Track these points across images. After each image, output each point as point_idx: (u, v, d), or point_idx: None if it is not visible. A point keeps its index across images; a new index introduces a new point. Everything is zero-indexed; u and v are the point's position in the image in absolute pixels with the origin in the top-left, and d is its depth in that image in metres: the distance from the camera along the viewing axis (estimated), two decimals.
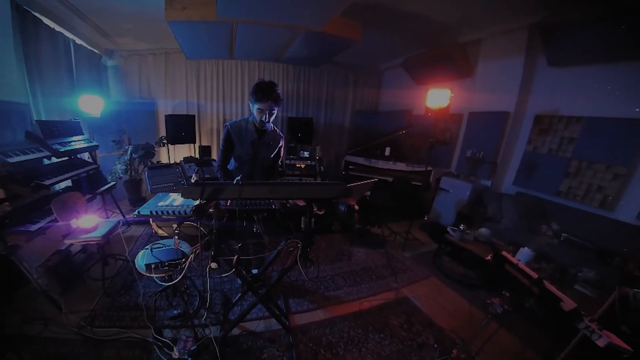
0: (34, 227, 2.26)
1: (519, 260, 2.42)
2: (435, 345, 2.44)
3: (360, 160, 5.56)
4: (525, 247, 3.16)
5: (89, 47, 3.95)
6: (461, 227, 3.52)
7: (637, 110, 3.09)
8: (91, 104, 3.56)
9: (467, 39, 4.47)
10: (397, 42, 4.84)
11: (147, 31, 4.13)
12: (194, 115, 4.94)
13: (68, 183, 3.09)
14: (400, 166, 5.21)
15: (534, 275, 2.13)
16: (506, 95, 4.15)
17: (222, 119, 5.41)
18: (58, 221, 2.38)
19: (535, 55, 3.91)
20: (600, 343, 1.61)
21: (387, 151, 5.51)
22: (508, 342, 2.52)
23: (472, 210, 4.13)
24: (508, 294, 2.13)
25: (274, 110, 2.30)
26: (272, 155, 2.59)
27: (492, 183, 4.43)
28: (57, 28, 3.32)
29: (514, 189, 4.26)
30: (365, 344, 2.39)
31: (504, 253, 2.39)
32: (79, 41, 3.71)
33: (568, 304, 1.90)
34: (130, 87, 4.83)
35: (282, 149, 2.69)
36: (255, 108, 2.29)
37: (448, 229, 3.67)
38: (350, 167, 5.62)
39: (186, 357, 2.04)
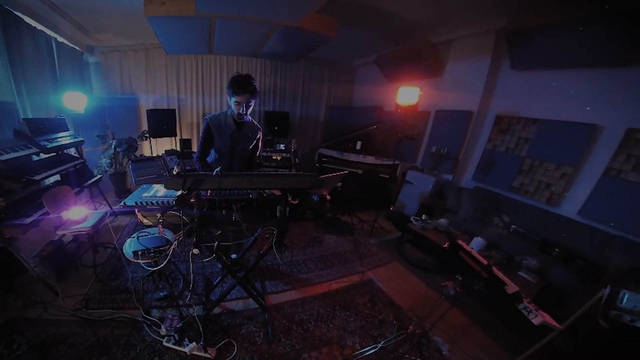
0: (28, 220, 2.38)
1: (472, 248, 2.57)
2: (394, 322, 2.69)
3: (333, 153, 5.70)
4: (479, 237, 3.38)
5: (71, 45, 3.96)
6: (423, 217, 3.75)
7: (588, 109, 3.27)
8: (75, 101, 3.61)
9: (438, 39, 4.58)
10: (371, 39, 4.91)
11: (126, 27, 4.13)
12: (175, 110, 5.05)
13: (57, 178, 3.19)
14: (370, 159, 5.36)
15: (484, 261, 2.23)
16: (471, 96, 4.29)
17: (202, 112, 5.50)
18: (50, 214, 2.48)
19: (500, 59, 4.04)
20: (536, 321, 1.77)
21: (359, 145, 5.67)
22: (457, 320, 2.79)
23: (434, 202, 4.36)
24: (460, 278, 2.26)
25: (250, 102, 2.34)
26: (250, 147, 2.64)
27: (453, 177, 4.61)
28: (39, 27, 3.33)
29: (473, 184, 4.45)
30: (332, 321, 2.61)
31: (460, 241, 2.48)
32: (60, 39, 3.71)
33: (511, 287, 2.01)
34: (112, 83, 4.85)
35: (260, 141, 2.73)
36: (232, 101, 2.33)
37: (411, 219, 3.88)
38: (324, 159, 5.75)
39: (173, 333, 2.18)
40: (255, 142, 2.65)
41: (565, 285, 2.85)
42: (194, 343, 2.13)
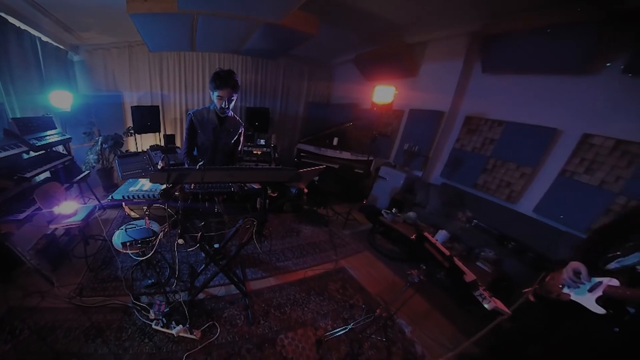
0: (22, 216, 2.47)
1: (437, 240, 2.64)
2: (363, 306, 2.88)
3: (311, 148, 5.80)
4: (443, 230, 3.57)
5: (55, 44, 3.95)
6: (393, 210, 3.95)
7: (550, 113, 3.39)
8: (61, 99, 3.65)
9: (415, 40, 4.63)
10: (350, 38, 4.95)
11: (110, 25, 4.10)
12: (158, 106, 5.08)
13: (47, 174, 3.25)
14: (346, 155, 5.49)
15: (447, 252, 2.29)
16: (443, 96, 4.40)
17: (185, 108, 5.55)
18: (42, 209, 2.57)
19: (472, 61, 4.13)
20: (489, 307, 1.89)
21: (335, 141, 5.77)
22: (420, 305, 2.98)
23: (404, 197, 4.54)
24: (425, 267, 2.37)
25: (232, 97, 2.36)
26: (232, 142, 2.66)
27: (422, 174, 4.79)
28: (23, 26, 3.32)
29: (440, 180, 4.64)
30: (307, 305, 2.80)
31: (426, 233, 2.55)
32: (44, 38, 3.70)
33: (469, 276, 2.11)
34: (96, 81, 4.84)
35: (242, 135, 2.76)
36: (215, 95, 2.34)
37: (382, 212, 4.08)
38: (302, 154, 5.85)
39: (161, 317, 2.31)
40: (237, 136, 2.68)
41: (517, 275, 3.03)
42: (181, 326, 2.26)
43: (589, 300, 1.65)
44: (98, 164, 4.50)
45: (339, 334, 2.45)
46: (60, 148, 3.61)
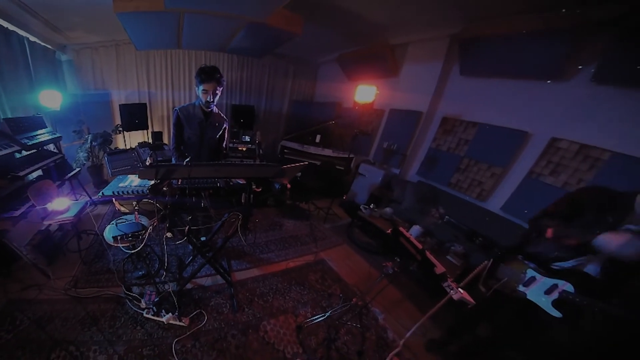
0: (17, 213, 2.56)
1: (411, 235, 2.69)
2: (341, 295, 3.02)
3: (295, 145, 5.86)
4: (417, 225, 3.72)
5: (43, 44, 3.96)
6: (371, 206, 4.11)
7: (521, 117, 3.46)
8: (51, 99, 3.68)
9: (397, 42, 4.70)
10: (334, 38, 4.99)
11: (96, 23, 4.08)
12: (146, 104, 5.12)
13: (39, 172, 3.33)
14: (328, 152, 5.56)
15: (420, 246, 2.37)
16: (422, 97, 4.49)
17: (172, 106, 5.57)
18: (35, 206, 2.64)
19: (451, 64, 4.18)
20: (455, 297, 1.98)
21: (318, 138, 5.84)
22: (393, 294, 3.13)
23: (382, 193, 4.69)
24: (399, 260, 2.49)
25: (217, 90, 2.39)
26: (217, 136, 2.71)
27: (400, 171, 4.93)
28: (11, 27, 3.34)
29: (417, 178, 4.75)
30: (289, 294, 2.95)
31: (401, 228, 2.63)
32: (32, 38, 3.71)
33: (439, 268, 2.20)
34: (84, 80, 4.84)
35: (227, 131, 2.80)
36: (200, 90, 2.38)
37: (361, 207, 4.22)
38: (286, 151, 5.91)
39: (151, 306, 2.42)
40: (221, 131, 2.72)
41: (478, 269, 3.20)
42: (170, 314, 2.37)
43: (545, 303, 1.72)
44: (88, 162, 4.54)
45: (318, 320, 2.57)
46: (51, 147, 3.66)
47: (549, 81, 3.27)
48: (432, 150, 4.53)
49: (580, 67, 3.03)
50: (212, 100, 2.41)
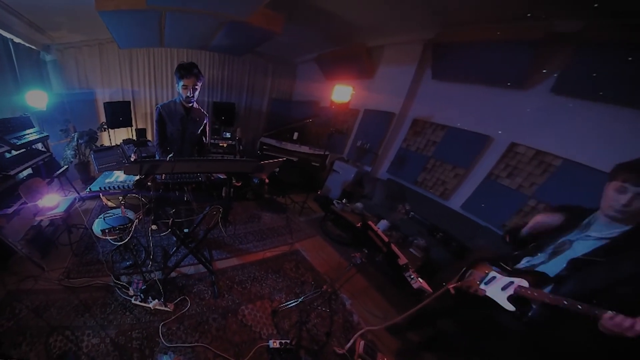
0: (10, 210, 2.63)
1: (379, 228, 2.88)
2: (313, 282, 3.21)
3: (273, 142, 5.93)
4: (385, 220, 3.86)
5: (27, 45, 3.96)
6: (343, 201, 4.29)
7: (484, 122, 3.60)
8: (37, 99, 3.74)
9: (373, 44, 4.80)
10: (313, 38, 5.10)
11: (79, 23, 4.10)
12: (129, 102, 5.21)
13: (29, 171, 3.38)
14: (305, 149, 5.67)
15: (386, 239, 2.57)
16: (395, 99, 4.60)
17: (155, 103, 5.60)
18: (27, 203, 2.69)
19: (424, 67, 4.27)
20: (415, 286, 2.11)
21: (295, 136, 5.95)
22: (360, 283, 3.32)
23: (354, 189, 4.89)
24: (366, 251, 2.61)
25: (197, 85, 2.41)
26: (199, 131, 2.74)
27: (371, 169, 5.09)
28: None
29: (386, 176, 4.91)
30: (265, 281, 3.12)
31: (370, 222, 2.85)
32: (17, 40, 3.70)
33: (402, 260, 2.35)
34: (69, 79, 4.85)
35: (207, 126, 2.82)
36: (180, 85, 2.39)
37: (334, 202, 4.39)
38: (264, 147, 5.98)
39: (139, 293, 2.54)
40: (203, 126, 2.75)
41: (441, 261, 3.33)
42: (156, 300, 2.50)
43: (501, 298, 1.77)
44: (75, 159, 4.59)
45: (291, 305, 2.75)
46: (39, 145, 3.71)
47: (512, 89, 3.38)
48: (402, 150, 4.66)
49: (541, 77, 3.13)
50: (192, 95, 2.43)
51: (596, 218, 1.55)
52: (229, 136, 5.76)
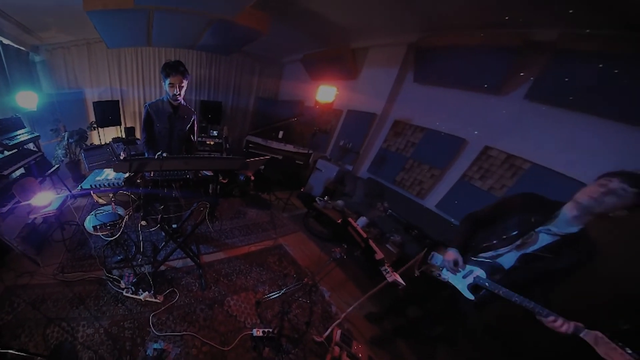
0: (5, 209, 2.74)
1: (358, 225, 2.86)
2: (294, 275, 3.33)
3: (259, 140, 5.95)
4: (364, 216, 3.99)
5: (16, 46, 3.96)
6: (325, 198, 4.39)
7: (460, 125, 3.67)
8: (27, 100, 3.76)
9: (358, 45, 4.85)
10: (299, 38, 5.12)
11: (67, 23, 4.09)
12: (118, 101, 5.26)
13: (22, 171, 3.45)
14: (289, 147, 5.72)
15: (364, 235, 2.62)
16: (377, 100, 4.68)
17: (143, 102, 5.61)
18: (21, 202, 2.72)
19: (406, 70, 4.32)
20: (389, 279, 2.17)
21: (281, 134, 6.00)
22: (339, 276, 3.46)
23: (335, 187, 4.98)
24: (346, 246, 2.69)
25: (183, 83, 2.41)
26: (187, 128, 2.75)
27: (353, 168, 5.19)
28: None
29: (367, 175, 4.99)
30: (250, 274, 3.24)
31: (350, 219, 2.87)
32: (5, 41, 3.71)
33: (379, 255, 2.40)
34: (58, 80, 4.86)
35: (195, 123, 2.83)
36: (167, 83, 2.39)
37: (316, 199, 4.47)
38: (250, 145, 6.01)
39: (130, 286, 2.64)
40: (190, 123, 2.77)
41: (415, 257, 3.22)
42: (147, 292, 2.59)
43: (462, 285, 1.88)
44: (66, 158, 4.64)
45: (274, 296, 2.87)
46: (31, 145, 3.76)
47: (489, 94, 3.44)
48: (382, 150, 4.76)
49: (516, 84, 3.19)
50: (178, 93, 2.44)
51: (562, 212, 1.64)
52: (216, 134, 5.81)
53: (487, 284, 1.76)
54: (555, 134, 2.98)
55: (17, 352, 1.85)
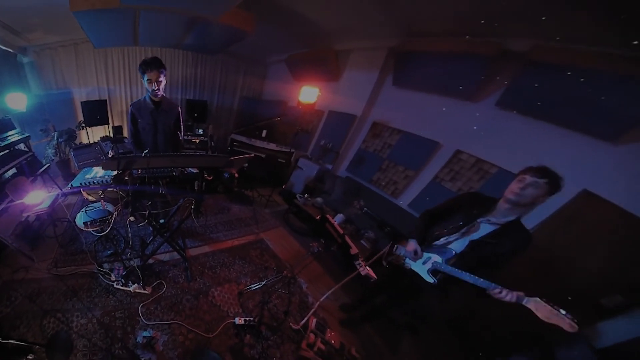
0: None
1: (335, 221, 3.04)
2: (275, 268, 3.46)
3: (243, 138, 6.03)
4: (341, 214, 4.29)
5: (4, 48, 3.99)
6: (305, 195, 4.62)
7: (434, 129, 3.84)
8: (16, 101, 3.80)
9: (341, 48, 4.97)
10: (284, 39, 5.23)
11: (54, 24, 4.11)
12: (105, 100, 5.24)
13: (14, 170, 3.49)
14: (272, 146, 5.81)
15: (341, 231, 2.76)
16: (357, 102, 4.85)
17: (130, 101, 5.51)
18: (14, 201, 2.65)
19: (386, 74, 4.47)
20: (362, 272, 2.35)
21: (264, 133, 6.09)
22: (316, 269, 3.59)
23: (315, 185, 5.18)
24: (323, 241, 2.84)
25: (160, 78, 2.41)
26: (172, 122, 2.75)
27: (332, 167, 5.38)
28: None
29: (345, 174, 5.21)
30: (233, 267, 3.38)
31: (328, 216, 3.02)
32: None
33: (354, 250, 2.55)
34: (47, 80, 4.87)
35: (181, 117, 2.84)
36: (145, 80, 2.39)
37: (297, 196, 4.76)
38: (235, 143, 6.09)
39: (120, 279, 2.76)
40: (176, 117, 2.78)
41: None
42: (136, 284, 2.71)
43: (422, 271, 2.05)
44: (56, 157, 4.67)
45: (255, 288, 3.02)
46: (21, 146, 3.80)
47: (463, 100, 3.57)
48: (361, 151, 4.95)
49: (489, 91, 3.31)
50: (157, 88, 2.44)
51: (498, 206, 1.86)
52: (202, 132, 5.87)
53: (442, 267, 1.95)
54: (522, 141, 3.14)
55: (17, 342, 1.96)
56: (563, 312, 1.49)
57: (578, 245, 2.80)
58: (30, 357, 1.96)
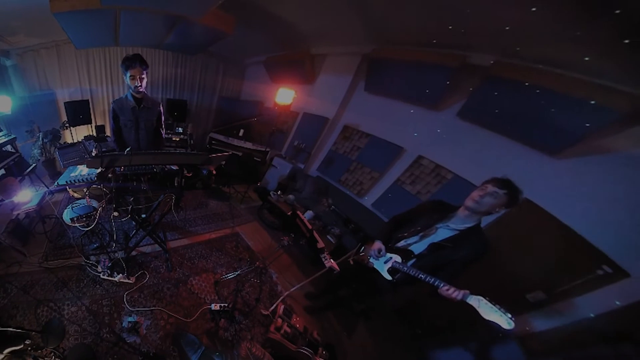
0: None
1: (305, 217, 3.20)
2: (248, 259, 3.62)
3: (221, 137, 6.19)
4: (310, 210, 4.39)
5: None
6: (278, 192, 4.81)
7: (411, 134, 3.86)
8: (1, 103, 3.86)
9: (317, 52, 5.08)
10: (262, 41, 5.32)
11: (35, 25, 4.07)
12: (88, 100, 5.24)
13: (2, 171, 3.58)
14: (249, 145, 5.99)
15: (309, 227, 2.92)
16: (330, 105, 4.98)
17: (112, 100, 5.12)
18: (4, 200, 2.90)
19: (358, 79, 4.57)
20: (327, 265, 2.52)
21: (241, 132, 6.26)
22: (285, 260, 3.81)
23: (288, 183, 5.31)
24: (293, 235, 3.01)
25: (143, 75, 2.43)
26: (154, 119, 2.79)
27: (304, 166, 5.48)
28: None
29: (316, 173, 5.33)
30: (210, 258, 3.56)
31: (298, 212, 3.19)
32: None
33: (320, 244, 2.71)
34: (30, 82, 4.91)
35: (162, 114, 2.88)
36: (128, 76, 2.41)
37: (270, 193, 4.84)
38: (213, 142, 6.25)
39: (106, 270, 2.88)
40: (157, 114, 2.81)
41: (350, 247, 3.59)
42: (121, 274, 2.86)
43: (383, 269, 2.14)
44: (42, 157, 4.71)
45: (230, 277, 3.18)
46: (8, 147, 3.86)
47: (427, 108, 3.70)
48: (331, 152, 5.09)
49: (451, 102, 3.41)
50: (140, 84, 2.46)
51: (457, 213, 1.94)
52: (181, 131, 5.97)
53: (400, 266, 2.04)
54: (477, 151, 3.29)
55: (15, 329, 2.11)
56: (503, 310, 1.57)
57: (514, 247, 2.96)
58: (27, 342, 2.09)
